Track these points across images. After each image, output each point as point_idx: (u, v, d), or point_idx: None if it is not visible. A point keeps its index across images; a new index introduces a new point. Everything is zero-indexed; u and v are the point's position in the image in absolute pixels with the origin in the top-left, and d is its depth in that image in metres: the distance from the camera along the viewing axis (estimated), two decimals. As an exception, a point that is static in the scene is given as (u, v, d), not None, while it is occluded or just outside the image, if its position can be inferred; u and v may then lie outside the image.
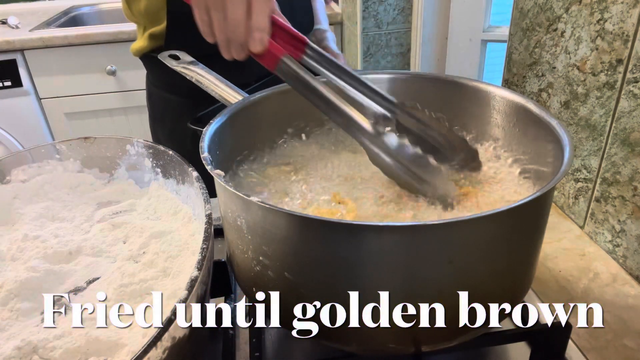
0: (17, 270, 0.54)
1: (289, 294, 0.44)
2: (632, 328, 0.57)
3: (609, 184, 0.67)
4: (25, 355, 0.45)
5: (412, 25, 1.81)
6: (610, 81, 0.64)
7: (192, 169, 0.57)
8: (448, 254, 0.39)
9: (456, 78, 0.61)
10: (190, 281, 0.41)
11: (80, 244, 0.59)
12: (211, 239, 0.48)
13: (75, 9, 2.26)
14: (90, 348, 0.45)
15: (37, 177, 0.67)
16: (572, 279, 0.65)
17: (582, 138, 0.71)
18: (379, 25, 1.81)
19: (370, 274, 0.40)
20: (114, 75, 1.89)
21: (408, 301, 0.41)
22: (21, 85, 1.83)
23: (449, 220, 0.37)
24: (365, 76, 0.57)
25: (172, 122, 1.03)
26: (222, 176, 0.45)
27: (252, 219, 0.43)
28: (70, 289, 0.54)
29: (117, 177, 0.70)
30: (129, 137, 0.67)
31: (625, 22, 0.60)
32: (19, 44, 1.77)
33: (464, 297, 0.41)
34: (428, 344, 0.44)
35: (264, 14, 0.49)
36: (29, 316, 0.51)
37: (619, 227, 0.66)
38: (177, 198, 0.64)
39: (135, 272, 0.53)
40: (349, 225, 0.39)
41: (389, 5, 1.78)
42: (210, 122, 0.54)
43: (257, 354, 0.49)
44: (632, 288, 0.63)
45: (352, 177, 0.58)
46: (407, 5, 1.79)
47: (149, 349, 0.35)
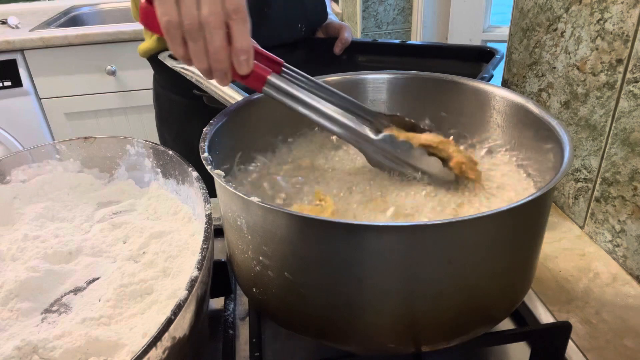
0: (17, 270, 0.54)
1: (289, 294, 0.44)
2: (632, 328, 0.57)
3: (609, 184, 0.67)
4: (25, 355, 0.45)
5: (412, 25, 1.81)
6: (610, 81, 0.64)
7: (192, 169, 0.57)
8: (448, 254, 0.39)
9: (456, 78, 0.61)
10: (190, 281, 0.41)
11: (80, 244, 0.59)
12: (211, 239, 0.48)
13: (75, 9, 2.26)
14: (90, 348, 0.45)
15: (37, 177, 0.67)
16: (572, 279, 0.65)
17: (582, 138, 0.71)
18: (379, 25, 1.81)
19: (370, 274, 0.40)
20: (114, 75, 1.89)
21: (408, 301, 0.41)
22: (21, 85, 1.83)
23: (449, 220, 0.37)
24: (343, 93, 0.58)
25: (179, 123, 1.03)
26: (222, 176, 0.45)
27: (252, 219, 0.43)
28: (70, 289, 0.54)
29: (117, 177, 0.70)
30: (129, 137, 0.67)
31: (625, 22, 0.60)
32: (19, 44, 1.77)
33: (464, 297, 0.42)
34: (428, 344, 0.44)
35: (244, 35, 0.47)
36: (29, 316, 0.51)
37: (619, 227, 0.66)
38: (177, 198, 0.64)
39: (135, 272, 0.53)
40: (349, 225, 0.39)
41: (389, 5, 1.78)
42: (210, 122, 0.54)
43: (257, 354, 0.49)
44: (632, 288, 0.63)
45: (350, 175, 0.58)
46: (407, 5, 1.79)
47: (149, 349, 0.35)
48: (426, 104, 0.63)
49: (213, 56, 0.47)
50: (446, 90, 0.62)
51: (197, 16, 0.45)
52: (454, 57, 0.92)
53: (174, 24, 0.46)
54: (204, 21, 0.45)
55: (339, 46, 1.01)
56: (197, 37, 0.46)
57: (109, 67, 1.86)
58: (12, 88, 1.82)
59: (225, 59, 0.48)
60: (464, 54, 0.91)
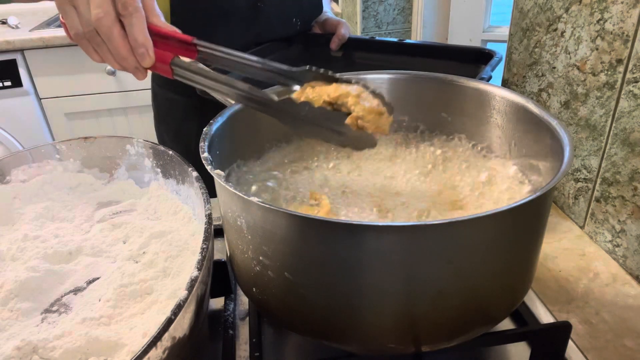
0: (17, 270, 0.54)
1: (289, 294, 0.44)
2: (632, 328, 0.57)
3: (609, 184, 0.67)
4: (25, 355, 0.45)
5: (412, 25, 1.81)
6: (610, 81, 0.64)
7: (192, 169, 0.57)
8: (448, 254, 0.39)
9: (456, 78, 0.61)
10: (190, 281, 0.41)
11: (80, 244, 0.59)
12: (211, 239, 0.48)
13: (75, 9, 2.26)
14: (90, 348, 0.45)
15: (37, 177, 0.67)
16: (572, 279, 0.65)
17: (582, 138, 0.71)
18: (379, 25, 1.81)
19: (370, 274, 0.40)
20: (113, 75, 1.89)
21: (408, 301, 0.41)
22: (21, 85, 1.83)
23: (449, 220, 0.37)
24: (260, 59, 0.52)
25: (178, 123, 1.03)
26: (222, 176, 0.45)
27: (252, 219, 0.43)
28: (70, 289, 0.54)
29: (117, 177, 0.70)
30: (129, 137, 0.67)
31: (625, 22, 0.60)
32: (19, 44, 1.77)
33: (464, 298, 0.42)
34: (428, 344, 0.44)
35: (138, 28, 0.47)
36: (29, 316, 0.51)
37: (619, 227, 0.66)
38: (177, 198, 0.64)
39: (135, 272, 0.53)
40: (349, 225, 0.39)
41: (389, 5, 1.78)
42: (210, 122, 0.54)
43: (257, 354, 0.49)
44: (632, 288, 0.63)
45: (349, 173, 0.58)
46: (407, 5, 1.79)
47: (149, 349, 0.35)
48: (426, 104, 0.63)
49: (116, 56, 0.48)
50: (446, 91, 0.62)
51: (90, 23, 0.47)
52: (452, 57, 0.92)
53: (80, 34, 0.48)
54: (97, 24, 0.47)
55: (335, 42, 1.00)
56: (98, 41, 0.48)
57: (109, 67, 1.86)
58: (12, 88, 1.82)
59: (127, 55, 0.48)
60: (463, 55, 0.90)
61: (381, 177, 0.59)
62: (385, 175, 0.60)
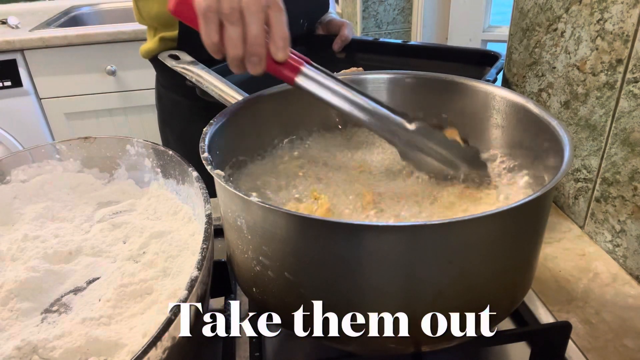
0: (17, 270, 0.54)
1: (289, 294, 0.44)
2: (632, 328, 0.57)
3: (609, 184, 0.67)
4: (25, 355, 0.45)
5: (412, 25, 1.81)
6: (610, 81, 0.64)
7: (192, 169, 0.57)
8: (448, 254, 0.39)
9: (456, 78, 0.61)
10: (190, 281, 0.41)
11: (80, 244, 0.59)
12: (211, 239, 0.48)
13: (75, 9, 2.26)
14: (90, 348, 0.45)
15: (37, 177, 0.67)
16: (572, 279, 0.65)
17: (582, 138, 0.71)
18: (379, 25, 1.81)
19: (370, 274, 0.40)
20: (114, 75, 1.89)
21: (408, 301, 0.41)
22: (21, 85, 1.83)
23: (449, 220, 0.37)
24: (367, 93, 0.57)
25: (182, 124, 1.03)
26: (222, 176, 0.45)
27: (252, 219, 0.43)
28: (70, 289, 0.54)
29: (117, 177, 0.70)
30: (129, 137, 0.67)
31: (625, 22, 0.60)
32: (19, 44, 1.77)
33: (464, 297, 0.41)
34: (428, 344, 0.44)
35: (283, 23, 0.49)
36: (29, 316, 0.51)
37: (619, 227, 0.66)
38: (177, 198, 0.64)
39: (135, 272, 0.53)
40: (349, 225, 0.39)
41: (389, 5, 1.78)
42: (210, 122, 0.54)
43: (257, 354, 0.49)
44: (632, 288, 0.63)
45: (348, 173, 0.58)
46: (407, 5, 1.79)
47: (149, 349, 0.35)
48: (426, 104, 0.63)
49: (251, 40, 0.48)
50: (446, 90, 0.62)
51: (237, 2, 0.47)
52: (456, 59, 0.91)
53: (213, 8, 0.47)
54: (245, 6, 0.47)
55: (338, 43, 1.00)
56: (237, 22, 0.48)
57: (109, 67, 1.86)
58: (12, 88, 1.82)
59: (263, 44, 0.49)
60: (467, 57, 0.90)
61: (381, 175, 0.59)
62: (386, 174, 0.60)
